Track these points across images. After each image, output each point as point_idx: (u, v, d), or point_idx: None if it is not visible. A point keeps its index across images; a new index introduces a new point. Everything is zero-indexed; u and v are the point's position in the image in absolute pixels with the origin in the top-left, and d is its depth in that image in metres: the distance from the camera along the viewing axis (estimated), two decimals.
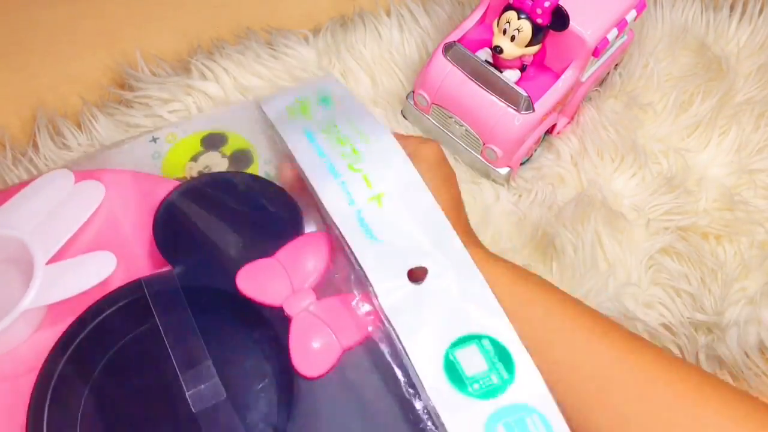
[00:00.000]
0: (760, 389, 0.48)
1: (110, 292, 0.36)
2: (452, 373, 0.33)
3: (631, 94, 0.57)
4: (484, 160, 0.53)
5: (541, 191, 0.53)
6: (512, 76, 0.49)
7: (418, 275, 0.36)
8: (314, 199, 0.39)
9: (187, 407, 0.33)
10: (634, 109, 0.56)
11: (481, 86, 0.49)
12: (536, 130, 0.50)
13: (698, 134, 0.56)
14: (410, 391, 0.33)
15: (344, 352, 0.35)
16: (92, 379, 0.35)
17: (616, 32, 0.48)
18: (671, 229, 0.52)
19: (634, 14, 0.49)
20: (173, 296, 0.36)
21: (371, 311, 0.36)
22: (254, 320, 0.36)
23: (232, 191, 0.41)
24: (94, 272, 0.36)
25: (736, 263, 0.52)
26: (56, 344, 0.35)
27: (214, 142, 0.45)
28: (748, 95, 0.58)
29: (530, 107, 0.48)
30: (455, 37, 0.50)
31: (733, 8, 0.62)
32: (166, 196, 0.40)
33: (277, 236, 0.39)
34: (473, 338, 0.34)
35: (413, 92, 0.53)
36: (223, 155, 0.44)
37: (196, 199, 0.40)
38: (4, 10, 0.60)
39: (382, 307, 0.35)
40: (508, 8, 0.46)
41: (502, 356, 0.34)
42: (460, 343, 0.34)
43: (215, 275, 0.37)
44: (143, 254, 0.39)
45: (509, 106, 0.48)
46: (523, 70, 0.49)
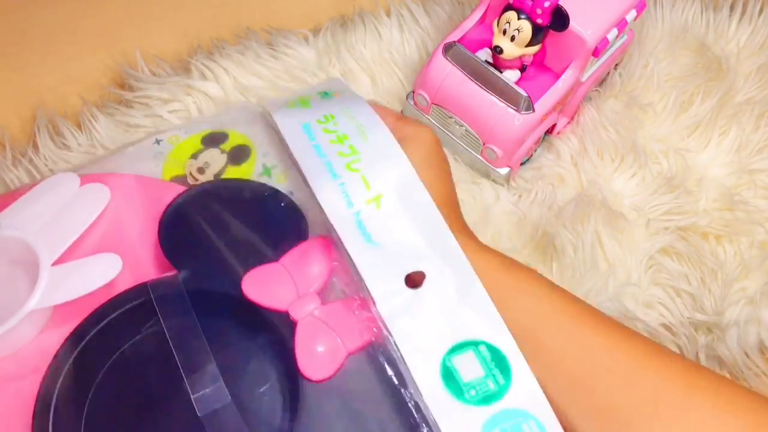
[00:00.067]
0: (760, 389, 0.48)
1: (116, 295, 0.36)
2: (449, 379, 0.33)
3: (631, 94, 0.57)
4: (484, 160, 0.53)
5: (541, 191, 0.53)
6: (512, 76, 0.49)
7: (415, 280, 0.36)
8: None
9: (192, 411, 0.33)
10: (634, 109, 0.56)
11: (481, 86, 0.49)
12: (536, 130, 0.50)
13: (698, 134, 0.56)
14: (408, 396, 0.33)
15: (349, 355, 0.35)
16: (97, 381, 0.35)
17: (616, 32, 0.48)
18: (671, 229, 0.52)
19: (634, 14, 0.49)
20: (178, 300, 0.36)
21: (372, 315, 0.36)
22: (259, 324, 0.36)
23: (237, 197, 0.41)
24: (99, 274, 0.36)
25: (736, 263, 0.52)
26: (62, 346, 0.35)
27: (214, 140, 0.45)
28: (748, 95, 0.58)
29: (530, 107, 0.48)
30: (455, 37, 0.50)
31: (733, 8, 0.62)
32: (172, 201, 0.40)
33: (282, 241, 0.39)
34: (470, 344, 0.34)
35: (413, 92, 0.53)
36: (222, 152, 0.44)
37: (201, 204, 0.40)
38: (4, 10, 0.60)
39: (379, 312, 0.35)
40: (508, 8, 0.46)
41: (498, 362, 0.34)
42: (457, 349, 0.34)
43: (220, 280, 0.37)
44: (148, 258, 0.39)
45: (509, 106, 0.48)
46: (523, 70, 0.49)
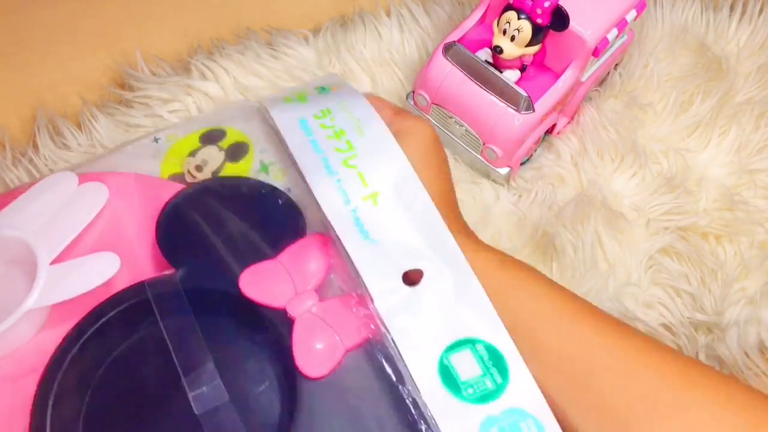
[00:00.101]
0: (760, 389, 0.48)
1: (113, 294, 0.36)
2: (447, 377, 0.33)
3: (631, 94, 0.57)
4: (484, 160, 0.53)
5: (541, 191, 0.53)
6: (512, 76, 0.49)
7: (413, 277, 0.36)
8: None
9: (190, 409, 0.33)
10: (634, 109, 0.56)
11: (481, 86, 0.49)
12: (536, 130, 0.50)
13: (698, 134, 0.56)
14: (406, 393, 0.33)
15: (347, 352, 0.35)
16: (95, 381, 0.35)
17: (616, 32, 0.48)
18: (671, 229, 0.52)
19: (634, 14, 0.49)
20: (176, 299, 0.36)
21: (370, 312, 0.36)
22: (257, 322, 0.36)
23: (234, 194, 0.41)
24: (97, 273, 0.36)
25: (736, 263, 0.52)
26: (59, 346, 0.35)
27: (212, 137, 0.45)
28: (748, 95, 0.58)
29: (530, 107, 0.48)
30: (455, 37, 0.50)
31: (733, 8, 0.62)
32: (169, 199, 0.40)
33: (279, 238, 0.39)
34: (468, 342, 0.34)
35: (413, 92, 0.53)
36: (219, 149, 0.44)
37: (198, 202, 0.40)
38: (4, 10, 0.60)
39: (377, 310, 0.35)
40: (508, 8, 0.46)
41: (496, 361, 0.34)
42: (454, 347, 0.34)
43: (218, 278, 0.37)
44: (146, 256, 0.39)
45: (509, 106, 0.48)
46: (523, 70, 0.49)
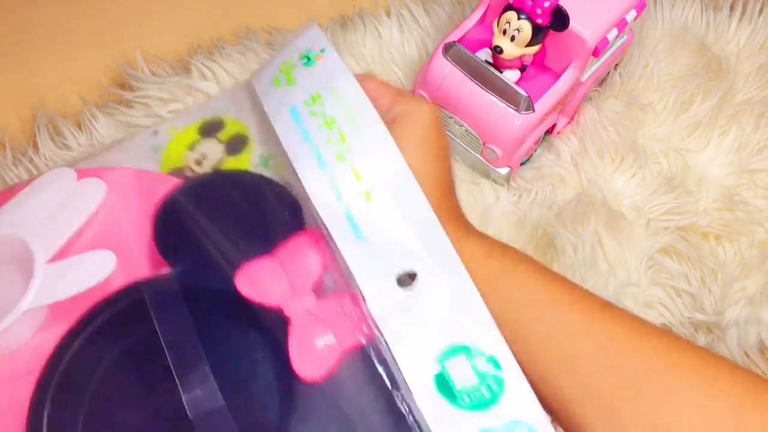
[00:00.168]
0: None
1: (109, 294, 0.36)
2: (442, 383, 0.33)
3: (631, 94, 0.57)
4: (484, 160, 0.53)
5: (541, 191, 0.53)
6: (512, 76, 0.49)
7: (408, 279, 0.35)
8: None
9: (185, 411, 0.33)
10: (634, 109, 0.56)
11: (481, 86, 0.49)
12: (536, 130, 0.50)
13: (698, 134, 0.56)
14: (400, 398, 0.33)
15: (344, 354, 0.34)
16: (92, 382, 0.34)
17: (616, 32, 0.48)
18: (671, 229, 0.52)
19: (634, 14, 0.49)
20: (171, 299, 0.35)
21: (364, 314, 0.35)
22: (253, 322, 0.36)
23: (232, 189, 0.41)
24: (93, 272, 0.36)
25: (736, 263, 0.52)
26: (56, 347, 0.35)
27: (210, 129, 0.45)
28: (748, 95, 0.58)
29: (530, 107, 0.48)
30: (455, 37, 0.50)
31: (733, 8, 0.62)
32: (165, 195, 0.39)
33: (277, 235, 0.38)
34: (463, 348, 0.33)
35: (413, 92, 0.53)
36: (219, 141, 0.44)
37: (195, 198, 0.40)
38: (4, 10, 0.60)
39: (370, 312, 0.34)
40: (508, 8, 0.46)
41: (492, 369, 0.33)
42: (450, 353, 0.33)
43: (215, 276, 0.37)
44: (144, 252, 0.39)
45: (509, 106, 0.48)
46: (523, 70, 0.49)
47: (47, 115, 0.55)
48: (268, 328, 0.36)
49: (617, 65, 0.58)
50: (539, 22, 0.45)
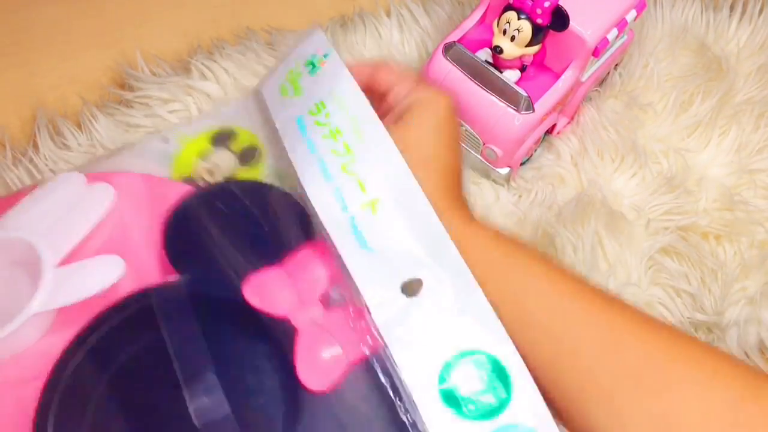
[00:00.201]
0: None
1: (118, 300, 0.36)
2: (447, 393, 0.32)
3: (631, 94, 0.57)
4: (484, 160, 0.53)
5: (541, 191, 0.53)
6: (512, 76, 0.49)
7: (413, 288, 0.35)
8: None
9: (191, 419, 0.32)
10: (634, 109, 0.56)
11: (481, 86, 0.49)
12: (536, 130, 0.50)
13: (698, 134, 0.56)
14: (404, 410, 0.33)
15: (351, 365, 0.34)
16: (99, 388, 0.34)
17: (616, 32, 0.48)
18: (671, 229, 0.52)
19: (634, 14, 0.49)
20: (180, 307, 0.35)
21: (368, 324, 0.35)
22: (260, 331, 0.35)
23: (242, 199, 0.40)
24: (101, 277, 0.36)
25: (736, 263, 0.52)
26: (63, 352, 0.35)
27: (222, 139, 0.45)
28: (748, 95, 0.58)
29: (530, 107, 0.48)
30: (455, 37, 0.50)
31: (733, 8, 0.62)
32: (176, 204, 0.39)
33: (285, 245, 0.38)
34: (469, 355, 0.33)
35: None
36: (232, 152, 0.44)
37: (206, 206, 0.40)
38: (4, 10, 0.60)
39: (374, 321, 0.34)
40: (508, 8, 0.46)
41: (499, 374, 0.32)
42: (456, 360, 0.33)
43: (223, 285, 0.36)
44: (152, 258, 0.39)
45: (509, 106, 0.48)
46: (523, 70, 0.49)
47: (47, 115, 0.55)
48: (275, 338, 0.35)
49: (617, 65, 0.58)
50: (539, 22, 0.45)
